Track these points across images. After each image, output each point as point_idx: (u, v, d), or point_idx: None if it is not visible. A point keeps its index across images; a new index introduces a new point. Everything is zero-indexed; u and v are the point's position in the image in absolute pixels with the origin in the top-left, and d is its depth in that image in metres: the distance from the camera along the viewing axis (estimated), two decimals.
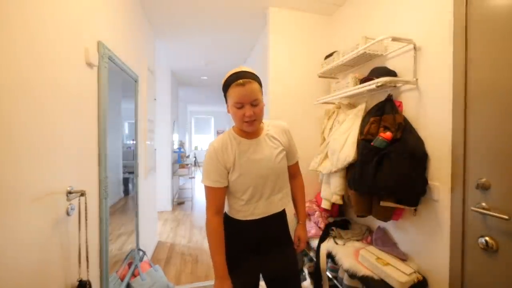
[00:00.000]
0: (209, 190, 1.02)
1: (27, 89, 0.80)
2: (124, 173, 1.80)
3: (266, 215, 1.06)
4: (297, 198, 1.24)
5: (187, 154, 6.96)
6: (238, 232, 1.06)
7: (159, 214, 3.86)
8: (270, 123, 1.13)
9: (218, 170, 1.00)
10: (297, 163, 1.23)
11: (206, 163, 1.01)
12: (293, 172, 1.22)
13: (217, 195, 1.01)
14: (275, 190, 1.06)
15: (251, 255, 1.07)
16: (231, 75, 0.97)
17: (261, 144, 1.05)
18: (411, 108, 1.37)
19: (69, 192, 1.02)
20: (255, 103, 0.95)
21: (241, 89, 0.92)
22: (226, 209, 1.09)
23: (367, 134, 1.39)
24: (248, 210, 1.04)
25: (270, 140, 1.07)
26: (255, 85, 0.95)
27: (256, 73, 1.00)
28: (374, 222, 1.68)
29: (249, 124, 0.97)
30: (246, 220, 1.05)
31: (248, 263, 1.07)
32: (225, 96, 1.02)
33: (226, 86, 0.98)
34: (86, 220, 1.06)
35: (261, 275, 1.14)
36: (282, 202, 1.10)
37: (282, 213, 1.13)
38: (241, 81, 0.92)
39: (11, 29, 0.74)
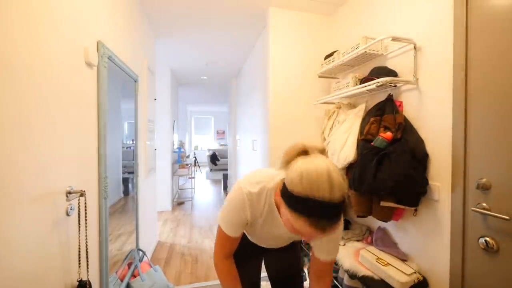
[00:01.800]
0: (223, 236, 0.87)
1: (26, 88, 0.80)
2: (124, 173, 1.80)
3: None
4: None
5: (187, 154, 6.95)
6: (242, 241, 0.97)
7: (159, 214, 3.85)
8: None
9: (241, 219, 0.83)
10: (327, 263, 0.86)
11: (232, 207, 0.84)
12: (318, 270, 0.89)
13: (231, 243, 0.89)
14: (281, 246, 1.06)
15: (253, 255, 1.07)
16: (317, 201, 0.58)
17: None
18: (412, 108, 1.36)
19: (69, 192, 1.01)
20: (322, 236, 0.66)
21: (316, 233, 0.61)
22: None
23: (367, 134, 1.39)
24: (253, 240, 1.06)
25: None
26: (336, 233, 0.74)
27: (347, 195, 0.64)
28: (374, 222, 1.68)
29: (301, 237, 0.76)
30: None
31: (250, 263, 1.07)
32: (282, 196, 0.67)
33: (297, 203, 0.61)
34: (85, 220, 1.06)
35: (263, 275, 1.15)
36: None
37: None
38: (324, 228, 0.60)
39: (10, 28, 0.74)
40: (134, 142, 1.97)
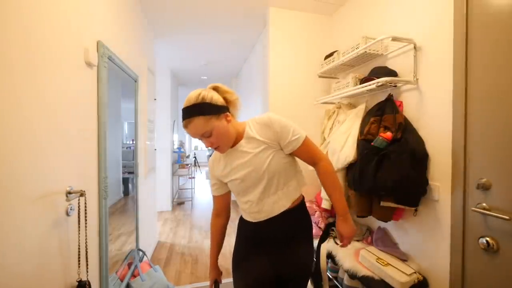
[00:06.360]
0: (212, 196, 1.17)
1: (26, 88, 0.80)
2: (124, 173, 1.80)
3: (271, 216, 1.03)
4: (327, 189, 1.07)
5: (187, 154, 6.95)
6: (250, 232, 1.10)
7: (159, 214, 3.85)
8: (253, 122, 1.05)
9: (214, 180, 1.12)
10: (305, 147, 1.02)
11: (209, 174, 1.14)
12: (308, 159, 1.05)
13: (216, 201, 1.17)
14: (266, 193, 1.02)
15: (262, 252, 1.06)
16: (182, 110, 0.96)
17: (238, 151, 1.03)
18: (412, 108, 1.36)
19: (69, 192, 1.01)
20: (206, 135, 0.94)
21: (187, 130, 0.95)
22: (241, 211, 1.13)
23: (367, 134, 1.39)
24: (252, 212, 1.05)
25: (246, 144, 1.02)
26: (197, 121, 0.90)
27: (201, 99, 0.91)
28: (374, 222, 1.68)
29: (216, 150, 1.01)
30: (256, 222, 1.05)
31: (259, 258, 1.06)
32: None
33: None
34: (85, 220, 1.06)
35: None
36: (277, 205, 1.02)
37: (293, 211, 1.05)
38: (183, 122, 0.94)
39: (10, 29, 0.73)
40: (134, 142, 1.97)
